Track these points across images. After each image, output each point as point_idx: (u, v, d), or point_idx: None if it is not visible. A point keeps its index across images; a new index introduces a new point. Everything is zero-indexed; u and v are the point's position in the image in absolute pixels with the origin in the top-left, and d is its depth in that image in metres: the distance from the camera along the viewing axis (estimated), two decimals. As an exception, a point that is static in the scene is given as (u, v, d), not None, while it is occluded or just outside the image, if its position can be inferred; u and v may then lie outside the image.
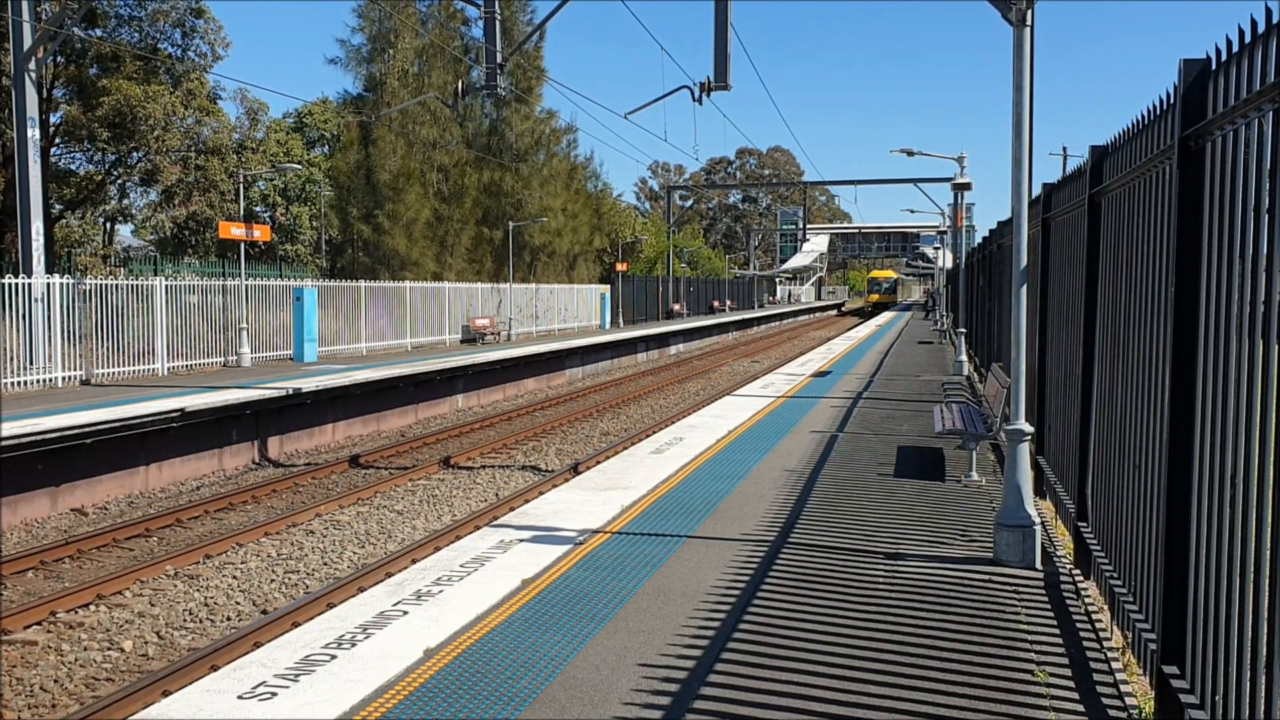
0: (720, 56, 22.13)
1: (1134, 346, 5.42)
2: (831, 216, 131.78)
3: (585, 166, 53.40)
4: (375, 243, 38.87)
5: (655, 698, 4.51)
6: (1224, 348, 3.86)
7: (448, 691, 4.59)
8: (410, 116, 39.41)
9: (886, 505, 8.45)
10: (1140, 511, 5.11)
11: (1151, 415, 4.93)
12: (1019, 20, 6.57)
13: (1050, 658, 5.05)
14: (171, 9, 35.77)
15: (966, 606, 5.80)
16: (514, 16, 41.53)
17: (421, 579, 6.31)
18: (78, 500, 13.58)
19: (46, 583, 10.29)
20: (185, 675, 7.24)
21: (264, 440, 17.23)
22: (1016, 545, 6.62)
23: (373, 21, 39.72)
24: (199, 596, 9.65)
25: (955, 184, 26.60)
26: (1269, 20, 3.39)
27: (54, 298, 18.58)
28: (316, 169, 52.22)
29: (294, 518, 12.54)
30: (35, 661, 8.03)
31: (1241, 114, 3.64)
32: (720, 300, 68.37)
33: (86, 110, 33.89)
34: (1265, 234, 3.43)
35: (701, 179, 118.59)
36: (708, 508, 8.34)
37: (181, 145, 37.19)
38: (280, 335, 24.36)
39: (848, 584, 6.22)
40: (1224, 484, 3.81)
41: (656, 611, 5.68)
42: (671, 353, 43.48)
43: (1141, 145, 5.33)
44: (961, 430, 9.59)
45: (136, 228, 53.64)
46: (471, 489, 14.66)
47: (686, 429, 13.09)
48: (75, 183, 38.20)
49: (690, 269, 79.05)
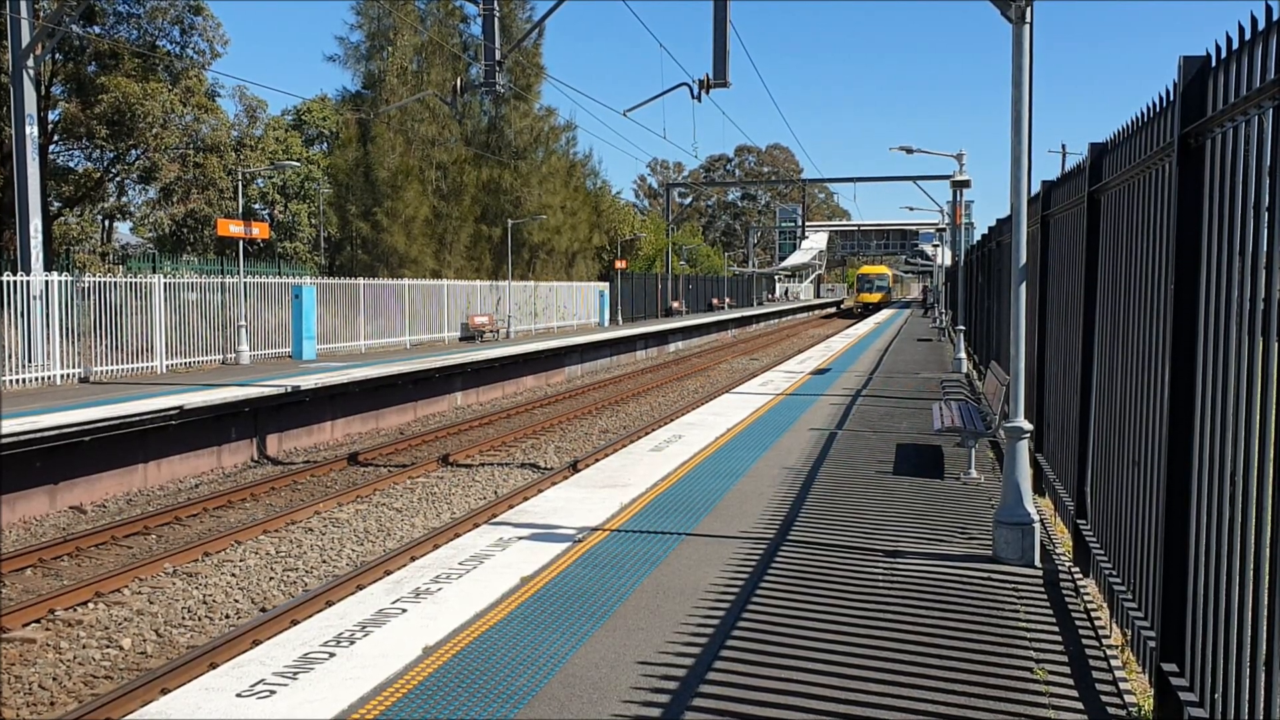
0: (719, 53, 22.10)
1: (1133, 344, 5.41)
2: (831, 214, 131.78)
3: (584, 164, 53.42)
4: (374, 240, 38.84)
5: (654, 695, 4.51)
6: (1223, 345, 3.86)
7: (447, 689, 4.59)
8: (409, 114, 39.37)
9: (885, 503, 8.45)
10: (1139, 509, 5.11)
11: (1151, 413, 4.93)
12: (1018, 18, 6.57)
13: (1049, 655, 5.05)
14: (170, 6, 35.72)
15: (965, 604, 5.80)
16: (513, 13, 41.48)
17: (420, 577, 6.31)
18: (76, 498, 13.57)
19: (45, 580, 10.28)
20: (184, 673, 7.24)
21: (263, 438, 17.22)
22: (1015, 543, 6.62)
23: (371, 19, 39.68)
24: (198, 594, 9.64)
25: (954, 181, 26.61)
26: (1268, 17, 3.38)
27: (53, 295, 18.57)
28: (315, 166, 52.14)
29: (293, 515, 12.53)
30: (34, 659, 8.02)
31: (1241, 111, 3.63)
32: (719, 298, 68.38)
33: (85, 107, 33.86)
34: (1265, 231, 3.43)
35: (701, 176, 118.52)
36: (707, 505, 8.34)
37: (180, 143, 37.18)
38: (279, 333, 24.35)
39: (847, 582, 6.22)
40: (1223, 481, 3.80)
41: (656, 609, 5.68)
42: (670, 350, 43.47)
43: (1141, 142, 5.33)
44: (960, 428, 9.59)
45: (135, 225, 53.61)
46: (470, 487, 14.66)
47: (685, 426, 13.09)
48: (74, 180, 38.16)
49: (689, 266, 79.03)
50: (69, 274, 19.92)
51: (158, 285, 20.57)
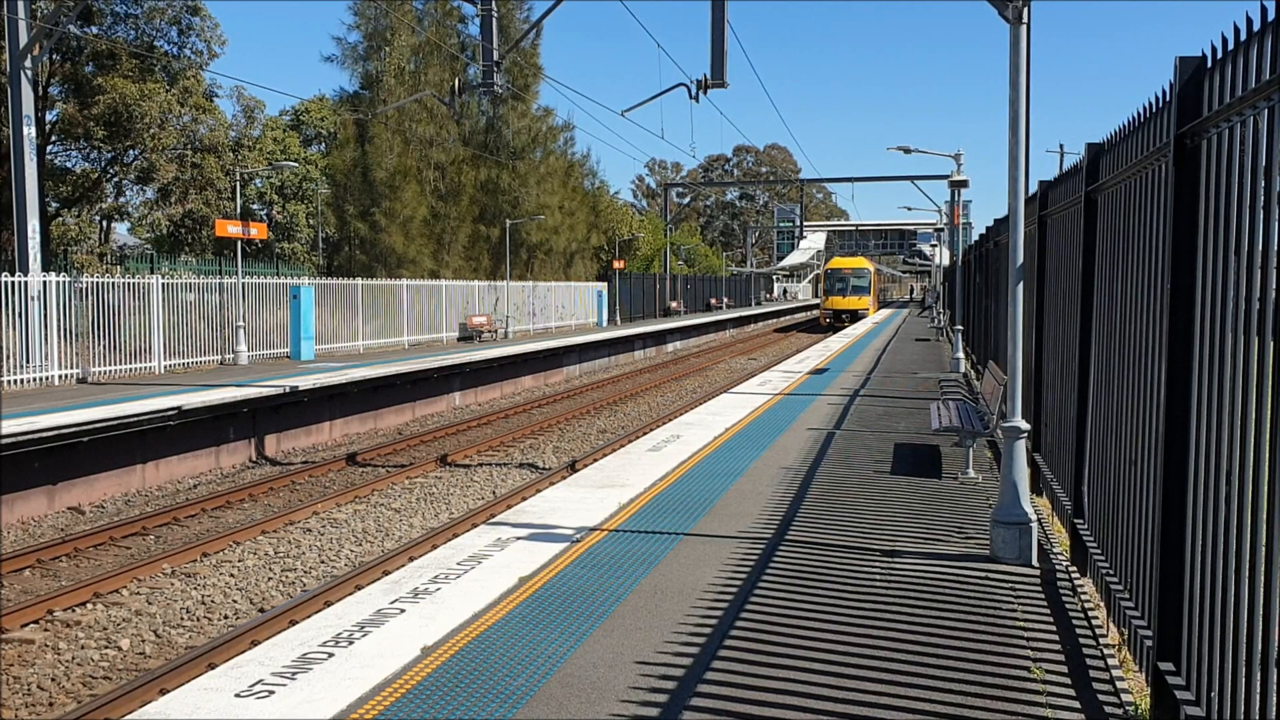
0: (717, 54, 22.12)
1: (1130, 343, 5.42)
2: (829, 214, 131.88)
3: (582, 164, 53.39)
4: (372, 240, 38.83)
5: (652, 695, 4.52)
6: (1220, 344, 3.87)
7: (445, 689, 4.59)
8: (407, 114, 39.37)
9: (883, 502, 8.46)
10: (1136, 508, 5.12)
11: (1147, 412, 4.94)
12: (1016, 18, 6.58)
13: (1046, 655, 5.05)
14: (168, 7, 35.66)
15: (963, 603, 5.81)
16: (511, 14, 41.48)
17: (419, 577, 6.31)
18: (75, 499, 13.56)
19: (44, 581, 10.28)
20: (183, 673, 7.24)
21: (261, 438, 17.21)
22: (1013, 542, 6.63)
23: (369, 19, 39.67)
24: (196, 595, 9.64)
25: (952, 181, 26.63)
26: (1264, 18, 3.39)
27: (50, 296, 18.56)
28: (313, 167, 52.13)
29: (291, 516, 12.53)
30: (33, 660, 8.02)
31: (1237, 111, 3.64)
32: (717, 298, 68.41)
33: (83, 108, 33.81)
34: (1261, 231, 3.44)
35: (699, 176, 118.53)
36: (705, 505, 8.35)
37: (178, 143, 37.11)
38: (277, 333, 24.34)
39: (844, 581, 6.22)
40: (1219, 481, 3.81)
41: (654, 609, 5.68)
42: (669, 350, 43.47)
43: (1137, 143, 5.34)
44: (958, 427, 9.60)
45: (133, 226, 53.54)
46: (469, 487, 14.66)
47: (684, 426, 13.09)
48: (71, 181, 38.11)
49: (687, 266, 79.07)
50: (67, 274, 19.91)
51: (156, 286, 20.56)
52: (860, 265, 57.23)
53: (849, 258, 63.99)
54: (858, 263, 58.02)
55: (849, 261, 58.89)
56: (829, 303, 55.84)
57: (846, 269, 56.64)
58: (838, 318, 53.61)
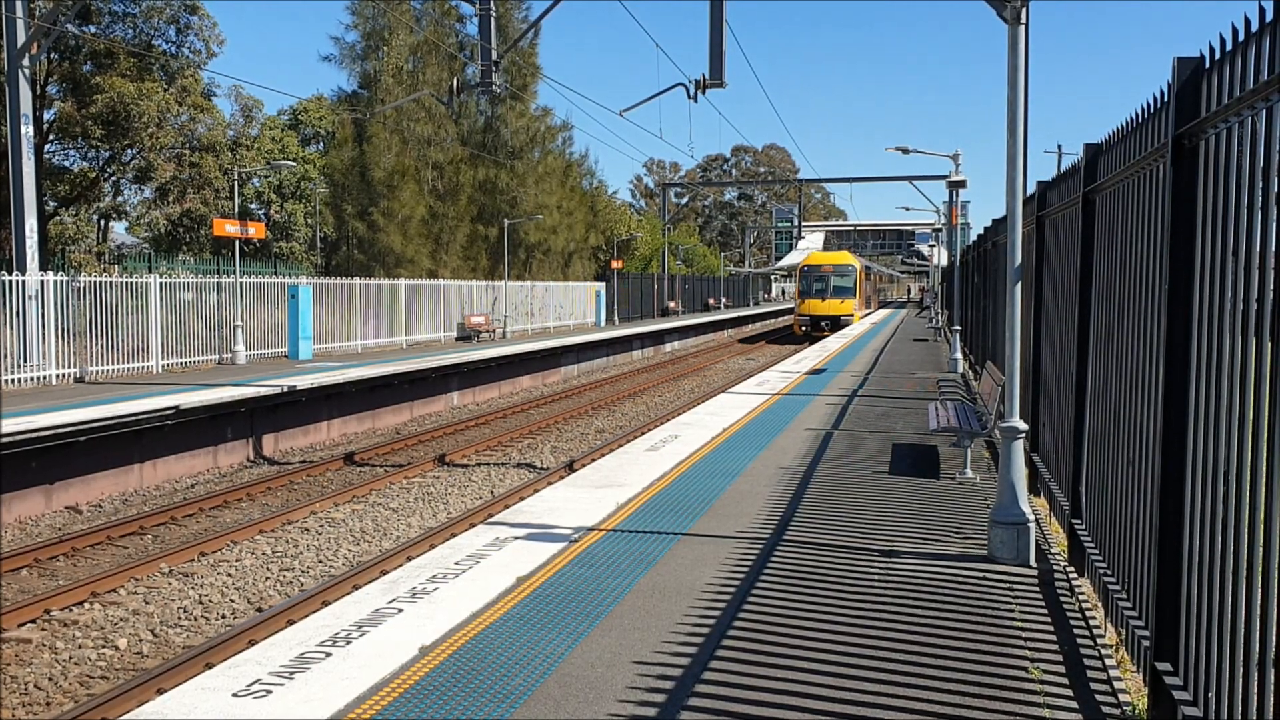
0: (715, 54, 22.12)
1: (1128, 344, 5.43)
2: (827, 214, 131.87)
3: (580, 164, 53.34)
4: (370, 240, 38.80)
5: (650, 695, 4.52)
6: (1218, 345, 3.87)
7: (443, 689, 4.59)
8: (405, 114, 39.33)
9: (881, 502, 8.46)
10: (1134, 508, 5.13)
11: (1145, 412, 4.94)
12: (1014, 18, 6.58)
13: (1044, 654, 5.06)
14: (165, 6, 35.64)
15: (961, 603, 5.81)
16: (509, 13, 41.45)
17: (417, 576, 6.31)
18: (72, 498, 13.55)
19: (41, 580, 10.27)
20: (180, 673, 7.23)
21: (259, 438, 17.20)
22: (1011, 542, 6.64)
23: (367, 19, 39.63)
24: (194, 594, 9.63)
25: (950, 181, 26.62)
26: (1262, 18, 3.39)
27: (48, 295, 18.54)
28: (311, 166, 52.08)
29: (289, 515, 12.52)
30: (30, 659, 8.01)
31: (1235, 111, 3.64)
32: (715, 298, 68.44)
33: (80, 107, 33.78)
34: (1259, 231, 3.44)
35: (697, 176, 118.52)
36: (703, 505, 8.35)
37: (176, 142, 37.09)
38: (275, 332, 24.33)
39: (842, 581, 6.23)
40: (1217, 481, 3.82)
41: (651, 609, 5.68)
42: (667, 350, 43.47)
43: (1135, 143, 5.34)
44: (956, 428, 9.60)
45: (131, 225, 53.49)
46: (467, 486, 14.65)
47: (681, 426, 13.09)
48: (69, 180, 38.09)
49: (685, 266, 79.04)
50: (64, 274, 19.89)
51: (153, 285, 20.54)
52: (843, 261, 47.14)
53: (830, 253, 54.99)
54: (840, 258, 47.98)
55: (829, 257, 49.12)
56: (804, 307, 45.53)
57: (826, 266, 46.50)
58: (815, 325, 44.24)
